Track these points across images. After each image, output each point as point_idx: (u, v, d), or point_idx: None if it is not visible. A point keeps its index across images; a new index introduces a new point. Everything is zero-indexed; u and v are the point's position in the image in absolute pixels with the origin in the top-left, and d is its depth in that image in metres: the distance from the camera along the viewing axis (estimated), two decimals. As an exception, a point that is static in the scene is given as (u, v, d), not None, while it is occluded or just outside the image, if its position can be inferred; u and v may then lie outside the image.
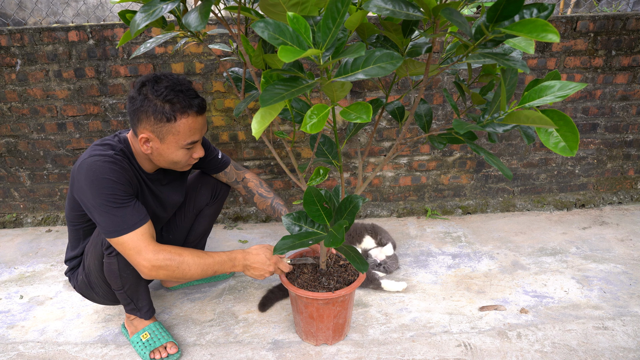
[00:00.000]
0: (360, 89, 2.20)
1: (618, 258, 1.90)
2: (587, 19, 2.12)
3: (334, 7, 0.78)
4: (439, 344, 1.42)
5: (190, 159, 1.31)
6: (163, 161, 1.29)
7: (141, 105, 1.19)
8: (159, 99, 1.18)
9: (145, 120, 1.20)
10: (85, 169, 1.19)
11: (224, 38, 2.10)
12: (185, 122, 1.21)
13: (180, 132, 1.22)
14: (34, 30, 2.09)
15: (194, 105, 1.21)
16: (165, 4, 0.91)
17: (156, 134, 1.22)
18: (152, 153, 1.27)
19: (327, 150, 1.34)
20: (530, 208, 2.42)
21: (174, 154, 1.26)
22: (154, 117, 1.19)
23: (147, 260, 1.19)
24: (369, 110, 0.87)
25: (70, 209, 1.36)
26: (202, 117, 1.26)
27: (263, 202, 1.62)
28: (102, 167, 1.19)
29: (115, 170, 1.21)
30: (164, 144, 1.24)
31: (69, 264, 1.47)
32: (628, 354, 1.35)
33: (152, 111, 1.18)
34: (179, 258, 1.22)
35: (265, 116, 0.92)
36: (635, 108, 2.31)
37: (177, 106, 1.19)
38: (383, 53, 0.82)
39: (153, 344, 1.40)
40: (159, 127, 1.20)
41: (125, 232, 1.19)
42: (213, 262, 1.27)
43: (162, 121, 1.19)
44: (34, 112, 2.22)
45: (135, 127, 1.24)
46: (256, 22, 0.80)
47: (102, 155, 1.22)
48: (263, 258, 1.32)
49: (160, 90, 1.18)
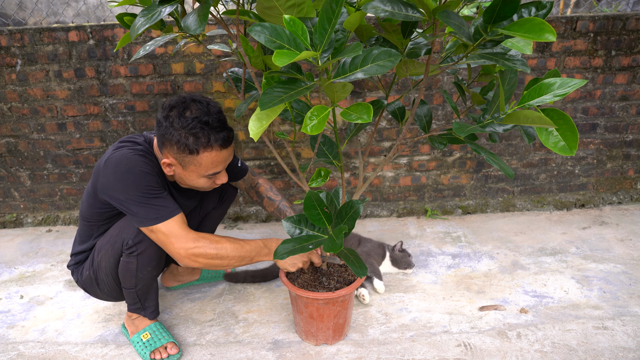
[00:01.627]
0: (360, 89, 2.20)
1: (618, 258, 1.90)
2: (587, 19, 2.11)
3: (329, 7, 0.78)
4: (439, 344, 1.42)
5: (212, 184, 1.33)
6: (184, 184, 1.32)
7: (166, 132, 1.19)
8: (183, 130, 1.17)
9: (169, 146, 1.21)
10: (115, 163, 1.21)
11: (224, 38, 2.10)
12: (208, 155, 1.21)
13: (202, 165, 1.22)
14: (34, 31, 2.09)
15: (219, 140, 1.20)
16: (164, 7, 0.91)
17: (179, 161, 1.23)
18: (175, 175, 1.30)
19: (328, 151, 1.34)
20: (530, 208, 2.42)
21: (195, 181, 1.28)
22: (177, 147, 1.20)
23: (186, 249, 1.21)
24: (369, 110, 0.87)
25: (88, 205, 1.34)
26: (227, 150, 1.25)
27: (271, 205, 1.63)
28: (134, 159, 1.21)
29: (147, 163, 1.23)
30: (185, 171, 1.25)
31: (74, 258, 1.46)
32: (628, 354, 1.35)
33: (175, 141, 1.19)
34: (218, 245, 1.24)
35: (262, 118, 0.92)
36: (635, 108, 2.31)
37: (201, 140, 1.18)
38: (381, 51, 0.82)
39: (154, 344, 1.40)
40: (182, 157, 1.21)
41: (164, 219, 1.21)
42: (250, 249, 1.29)
43: (185, 152, 1.20)
44: (34, 112, 2.23)
45: (160, 147, 1.26)
46: (253, 26, 0.80)
47: (130, 149, 1.24)
48: None
49: (186, 121, 1.17)
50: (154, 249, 1.30)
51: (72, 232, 2.33)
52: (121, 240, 1.29)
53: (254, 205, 2.42)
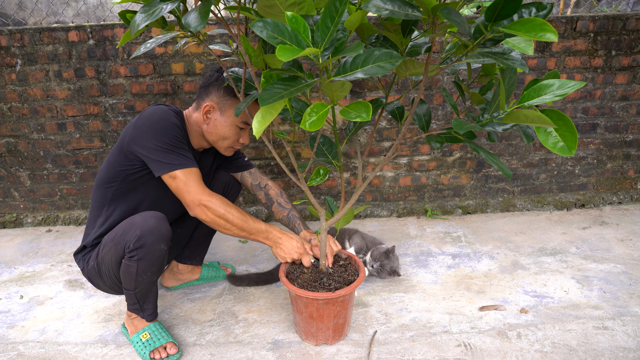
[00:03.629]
0: (360, 89, 2.20)
1: (618, 258, 1.90)
2: (587, 19, 2.12)
3: (332, 6, 0.78)
4: (439, 344, 1.42)
5: (236, 142, 1.45)
6: (215, 133, 1.42)
7: (216, 80, 1.37)
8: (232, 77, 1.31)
9: (215, 92, 1.37)
10: (148, 114, 1.32)
11: (224, 38, 2.10)
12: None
13: None
14: (34, 30, 2.09)
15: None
16: (165, 4, 0.91)
17: (219, 106, 1.38)
18: (209, 124, 1.41)
19: (327, 150, 1.34)
20: (530, 208, 2.42)
21: (228, 129, 1.40)
22: (224, 90, 1.36)
23: (200, 199, 1.30)
24: (368, 109, 0.87)
25: (108, 166, 1.41)
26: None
27: (280, 212, 1.65)
28: (167, 112, 1.33)
29: (177, 121, 1.34)
30: (223, 115, 1.39)
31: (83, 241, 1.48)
32: (628, 354, 1.35)
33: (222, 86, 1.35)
34: (228, 207, 1.33)
35: (266, 116, 0.92)
36: (635, 108, 2.31)
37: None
38: (382, 52, 0.82)
39: (153, 344, 1.40)
40: (224, 100, 1.37)
41: (185, 167, 1.30)
42: (253, 226, 1.37)
43: (229, 95, 1.36)
44: (34, 112, 2.23)
45: (202, 99, 1.40)
46: (255, 22, 0.80)
47: (163, 107, 1.35)
48: (295, 244, 1.40)
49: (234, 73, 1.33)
50: (154, 255, 1.31)
51: (72, 232, 2.33)
52: (124, 242, 1.29)
53: (254, 205, 2.42)
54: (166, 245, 1.34)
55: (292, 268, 1.47)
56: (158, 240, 1.30)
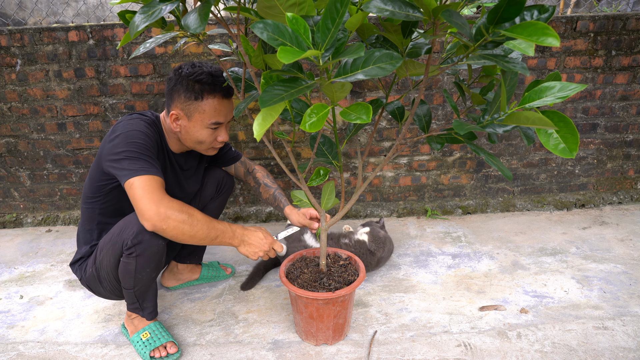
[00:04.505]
0: (360, 89, 2.20)
1: (618, 258, 1.90)
2: (587, 19, 2.11)
3: (333, 7, 0.78)
4: (439, 344, 1.42)
5: (214, 141, 1.41)
6: (190, 140, 1.39)
7: (175, 84, 1.32)
8: (191, 79, 1.30)
9: (177, 98, 1.33)
10: (122, 124, 1.32)
11: (224, 38, 2.09)
12: (212, 102, 1.32)
13: (206, 111, 1.33)
14: (34, 30, 2.09)
15: (222, 90, 1.33)
16: (165, 5, 0.91)
17: (185, 112, 1.33)
18: (181, 131, 1.38)
19: (327, 151, 1.34)
20: (530, 208, 2.42)
21: (199, 133, 1.36)
22: (184, 95, 1.31)
23: (157, 206, 1.19)
24: (368, 110, 0.87)
25: (90, 182, 1.41)
26: (229, 101, 1.36)
27: (266, 192, 1.71)
28: (138, 122, 1.33)
29: (148, 130, 1.33)
30: (190, 121, 1.35)
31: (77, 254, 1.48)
32: (628, 354, 1.35)
33: (183, 90, 1.31)
34: (190, 211, 1.25)
35: (267, 118, 0.92)
36: (635, 108, 2.31)
37: (205, 86, 1.30)
38: (382, 53, 0.82)
39: (153, 344, 1.40)
40: (188, 105, 1.32)
41: (145, 174, 1.23)
42: (217, 227, 1.31)
43: (191, 99, 1.31)
44: (34, 112, 2.22)
45: (169, 106, 1.37)
46: (255, 23, 0.80)
47: (137, 116, 1.36)
48: (260, 236, 1.38)
49: (193, 72, 1.31)
50: (152, 251, 1.30)
51: (72, 232, 2.33)
52: (121, 240, 1.29)
53: (254, 205, 2.42)
54: (164, 240, 1.33)
55: (292, 268, 1.47)
56: (156, 235, 1.29)
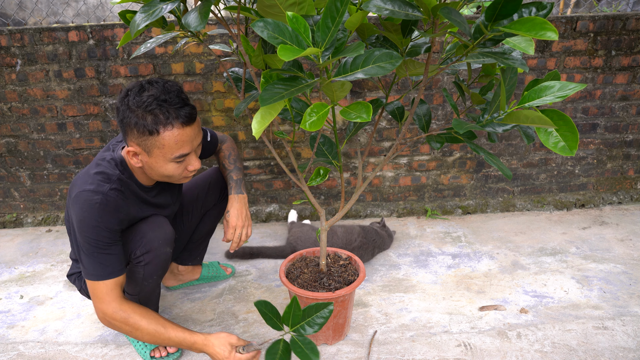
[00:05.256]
0: (360, 89, 2.20)
1: (618, 258, 1.90)
2: (587, 19, 2.12)
3: (333, 6, 0.78)
4: (439, 344, 1.42)
5: (185, 171, 1.23)
6: (156, 175, 1.22)
7: (124, 117, 1.12)
8: (140, 110, 1.10)
9: (130, 132, 1.14)
10: (79, 205, 1.16)
11: (224, 38, 2.10)
12: (170, 134, 1.11)
13: (166, 146, 1.13)
14: (34, 30, 2.09)
15: (180, 117, 1.11)
16: (165, 4, 0.91)
17: (142, 147, 1.15)
18: (144, 166, 1.21)
19: (327, 150, 1.34)
20: (530, 208, 2.42)
21: (164, 168, 1.18)
22: (136, 130, 1.12)
23: (104, 313, 1.20)
24: (369, 109, 0.87)
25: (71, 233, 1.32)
26: (191, 127, 1.15)
27: (223, 172, 1.54)
28: (91, 210, 1.15)
29: (104, 215, 1.16)
30: (151, 157, 1.16)
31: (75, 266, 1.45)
32: (628, 354, 1.35)
33: (134, 123, 1.11)
34: (135, 324, 1.20)
35: (265, 116, 0.92)
36: (635, 108, 2.31)
37: (159, 118, 1.10)
38: (382, 52, 0.82)
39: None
40: (144, 141, 1.13)
41: (97, 279, 1.19)
42: (169, 339, 1.22)
43: (145, 134, 1.11)
44: (34, 112, 2.23)
45: (124, 139, 1.18)
46: (255, 22, 0.80)
47: (95, 193, 1.16)
48: (222, 353, 1.21)
49: (142, 100, 1.10)
50: (160, 259, 1.30)
51: (71, 232, 2.33)
52: (128, 250, 1.28)
53: (254, 205, 2.42)
54: (171, 247, 1.33)
55: (292, 268, 1.47)
56: (164, 244, 1.29)
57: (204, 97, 2.19)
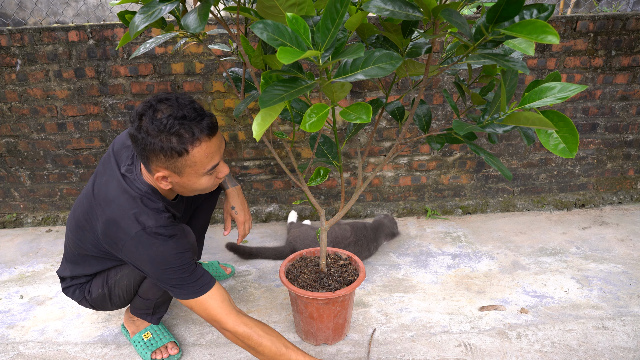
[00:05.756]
0: (360, 89, 2.20)
1: (618, 258, 1.90)
2: (587, 19, 2.11)
3: (333, 7, 0.78)
4: (439, 344, 1.42)
5: (215, 180, 1.19)
6: (188, 191, 1.19)
7: (146, 145, 1.05)
8: (163, 134, 1.03)
9: (155, 159, 1.07)
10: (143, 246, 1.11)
11: (224, 38, 2.10)
12: (199, 150, 1.07)
13: (197, 163, 1.09)
14: (34, 30, 2.09)
15: (204, 129, 1.06)
16: (165, 5, 0.91)
17: (172, 170, 1.09)
18: (175, 186, 1.16)
19: (327, 151, 1.34)
20: (530, 208, 2.42)
21: (198, 184, 1.15)
22: (163, 155, 1.05)
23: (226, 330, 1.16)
24: (368, 110, 0.87)
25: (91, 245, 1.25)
26: (216, 137, 1.11)
27: None
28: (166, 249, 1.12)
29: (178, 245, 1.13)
30: (183, 177, 1.12)
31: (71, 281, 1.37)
32: (628, 354, 1.35)
33: (159, 149, 1.04)
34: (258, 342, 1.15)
35: (266, 118, 0.92)
36: (635, 108, 2.31)
37: (185, 137, 1.04)
38: (382, 53, 0.82)
39: (155, 344, 1.40)
40: (173, 163, 1.07)
41: (203, 292, 1.16)
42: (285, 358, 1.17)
43: (174, 157, 1.06)
44: (34, 112, 2.23)
45: (147, 166, 1.11)
46: (255, 23, 0.80)
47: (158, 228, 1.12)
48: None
49: (162, 123, 1.03)
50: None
51: (71, 232, 2.33)
52: None
53: (254, 205, 2.42)
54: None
55: (292, 268, 1.47)
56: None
57: (204, 97, 2.19)
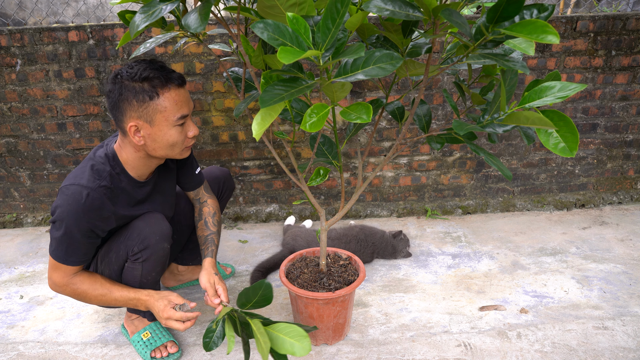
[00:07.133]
0: (360, 89, 2.20)
1: (618, 258, 1.90)
2: (587, 19, 2.12)
3: (334, 7, 0.78)
4: (439, 344, 1.42)
5: (186, 139, 1.26)
6: (159, 147, 1.23)
7: (120, 94, 1.15)
8: (135, 81, 1.14)
9: (128, 108, 1.16)
10: (66, 195, 1.18)
11: (224, 38, 2.10)
12: (169, 95, 1.16)
13: (168, 108, 1.17)
14: (34, 30, 2.09)
15: (174, 79, 1.17)
16: (165, 5, 0.91)
17: (144, 119, 1.17)
18: (146, 143, 1.22)
19: (327, 151, 1.34)
20: (530, 208, 2.42)
21: (168, 135, 1.21)
22: (135, 100, 1.15)
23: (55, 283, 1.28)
24: (369, 110, 0.87)
25: None
26: (185, 90, 1.21)
27: (203, 231, 1.51)
28: (77, 204, 1.17)
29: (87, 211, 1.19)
30: (154, 126, 1.18)
31: None
32: (628, 354, 1.35)
33: (132, 95, 1.14)
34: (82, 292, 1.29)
35: (266, 117, 0.92)
36: (635, 108, 2.31)
37: (156, 82, 1.15)
38: (383, 54, 0.82)
39: (154, 343, 1.40)
40: (144, 109, 1.16)
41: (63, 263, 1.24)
42: (115, 300, 1.31)
43: (145, 101, 1.15)
44: (34, 112, 2.22)
45: (120, 121, 1.19)
46: (256, 23, 0.80)
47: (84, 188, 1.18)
48: (158, 307, 1.26)
49: (135, 72, 1.14)
50: (158, 255, 1.31)
51: (71, 232, 2.33)
52: (126, 247, 1.29)
53: (254, 205, 2.42)
54: (169, 243, 1.33)
55: (292, 268, 1.47)
56: (161, 239, 1.29)
57: (204, 97, 2.19)
